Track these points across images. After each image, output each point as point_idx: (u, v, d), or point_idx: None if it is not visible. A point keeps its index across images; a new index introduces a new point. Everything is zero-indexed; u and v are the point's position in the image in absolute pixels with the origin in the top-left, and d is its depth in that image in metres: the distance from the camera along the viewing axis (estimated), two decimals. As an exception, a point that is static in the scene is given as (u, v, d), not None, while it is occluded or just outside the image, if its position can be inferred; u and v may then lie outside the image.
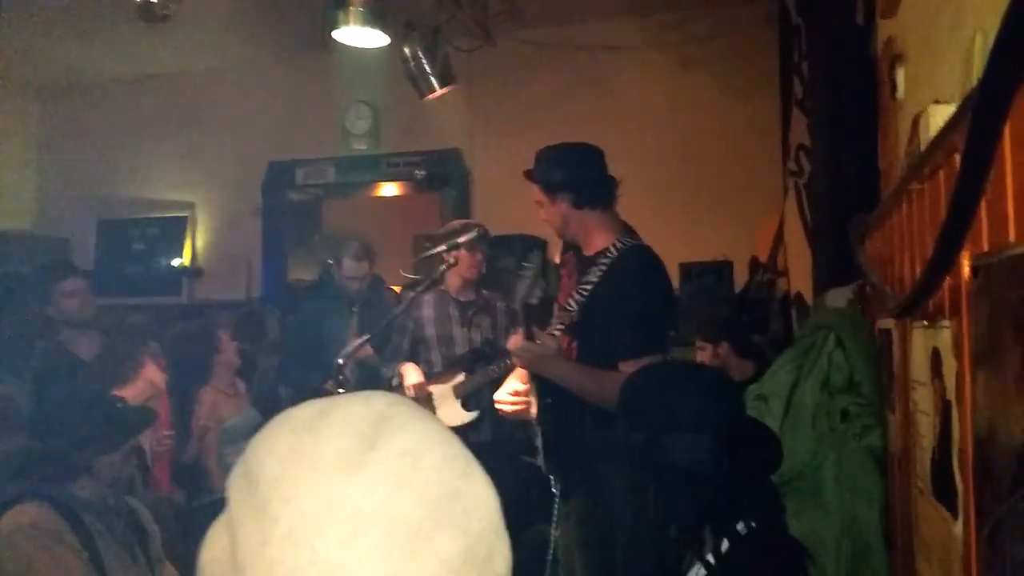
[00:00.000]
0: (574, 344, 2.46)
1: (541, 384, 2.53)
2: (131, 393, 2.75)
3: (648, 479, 1.40)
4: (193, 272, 6.04)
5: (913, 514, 1.48)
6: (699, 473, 1.34)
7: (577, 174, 2.44)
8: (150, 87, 6.09)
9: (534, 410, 2.63)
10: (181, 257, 6.08)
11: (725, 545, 1.34)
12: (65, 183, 6.22)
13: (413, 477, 0.58)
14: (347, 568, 0.55)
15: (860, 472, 1.87)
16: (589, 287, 2.39)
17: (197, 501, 2.90)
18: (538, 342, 2.38)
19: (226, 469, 3.20)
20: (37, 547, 1.89)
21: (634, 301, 2.32)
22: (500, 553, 0.61)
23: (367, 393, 0.66)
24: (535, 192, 2.51)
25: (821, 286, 2.78)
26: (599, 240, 2.45)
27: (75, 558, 1.93)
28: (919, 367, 1.36)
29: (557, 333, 2.43)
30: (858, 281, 2.12)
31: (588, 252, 2.48)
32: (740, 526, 1.35)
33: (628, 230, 2.51)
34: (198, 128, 6.01)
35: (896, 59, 1.69)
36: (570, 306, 2.42)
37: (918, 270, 1.35)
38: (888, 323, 1.70)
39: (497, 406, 2.74)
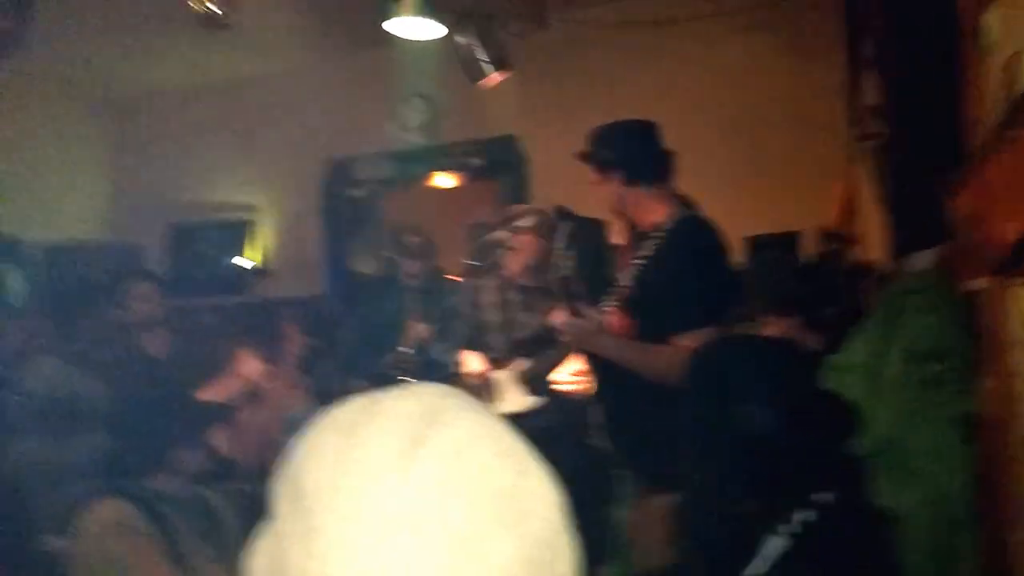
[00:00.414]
0: (631, 321, 2.41)
1: (596, 361, 2.48)
2: (222, 389, 2.78)
3: (720, 452, 1.36)
4: (260, 271, 6.17)
5: (1009, 482, 1.38)
6: (772, 444, 1.29)
7: (627, 150, 2.42)
8: (211, 92, 6.23)
9: (592, 388, 2.59)
10: (248, 257, 6.21)
11: (807, 515, 1.29)
12: (136, 191, 6.42)
13: (464, 478, 0.54)
14: None
15: (950, 441, 1.77)
16: (642, 262, 2.33)
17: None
18: (583, 317, 2.33)
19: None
20: (119, 541, 1.93)
21: (687, 272, 2.25)
22: (564, 555, 0.57)
23: (412, 387, 0.61)
24: (589, 173, 2.47)
25: (899, 251, 2.65)
26: (654, 215, 2.40)
27: (156, 551, 1.97)
28: (1020, 327, 1.26)
29: (610, 309, 2.38)
30: (943, 242, 2.00)
31: (644, 228, 2.44)
32: (822, 496, 1.30)
33: (686, 203, 2.44)
34: (259, 130, 6.13)
35: (983, 2, 1.57)
36: (624, 282, 2.36)
37: (1020, 223, 1.25)
38: (981, 284, 1.59)
39: (555, 387, 2.74)
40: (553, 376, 2.83)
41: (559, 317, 2.36)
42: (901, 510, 1.58)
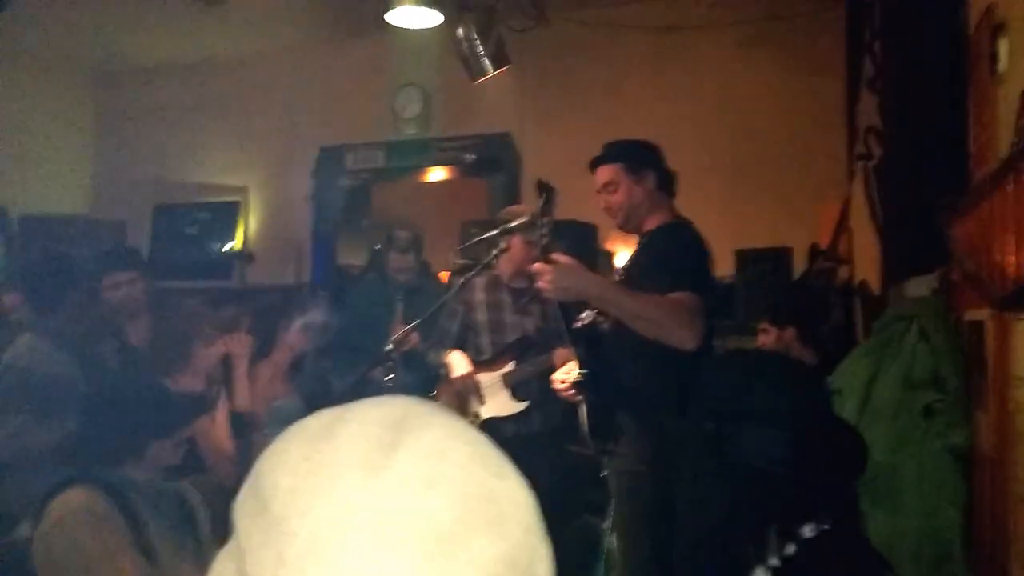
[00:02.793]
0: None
1: (585, 354, 2.56)
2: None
3: (714, 473, 1.32)
4: (244, 256, 6.08)
5: (1011, 520, 1.36)
6: (772, 471, 1.25)
7: (658, 158, 2.60)
8: (203, 71, 6.13)
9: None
10: (233, 241, 6.12)
11: (790, 549, 1.26)
12: (121, 167, 6.31)
13: (441, 476, 0.52)
14: None
15: (942, 473, 1.74)
16: (634, 258, 2.59)
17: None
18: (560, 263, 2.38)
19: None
20: (86, 531, 1.87)
21: (664, 253, 2.45)
22: (542, 559, 0.55)
23: (383, 398, 0.59)
24: (606, 174, 2.57)
25: (894, 274, 2.64)
26: (653, 223, 2.57)
27: (124, 541, 1.91)
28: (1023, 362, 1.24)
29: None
30: (942, 268, 1.98)
31: (639, 233, 2.63)
32: (808, 529, 1.27)
33: (679, 217, 2.63)
34: (251, 112, 6.04)
35: (997, 30, 1.55)
36: (619, 276, 2.63)
37: (1025, 256, 1.23)
38: (980, 314, 1.57)
39: (556, 386, 2.76)
40: (542, 384, 2.84)
41: (540, 268, 2.34)
42: (890, 542, 1.56)
